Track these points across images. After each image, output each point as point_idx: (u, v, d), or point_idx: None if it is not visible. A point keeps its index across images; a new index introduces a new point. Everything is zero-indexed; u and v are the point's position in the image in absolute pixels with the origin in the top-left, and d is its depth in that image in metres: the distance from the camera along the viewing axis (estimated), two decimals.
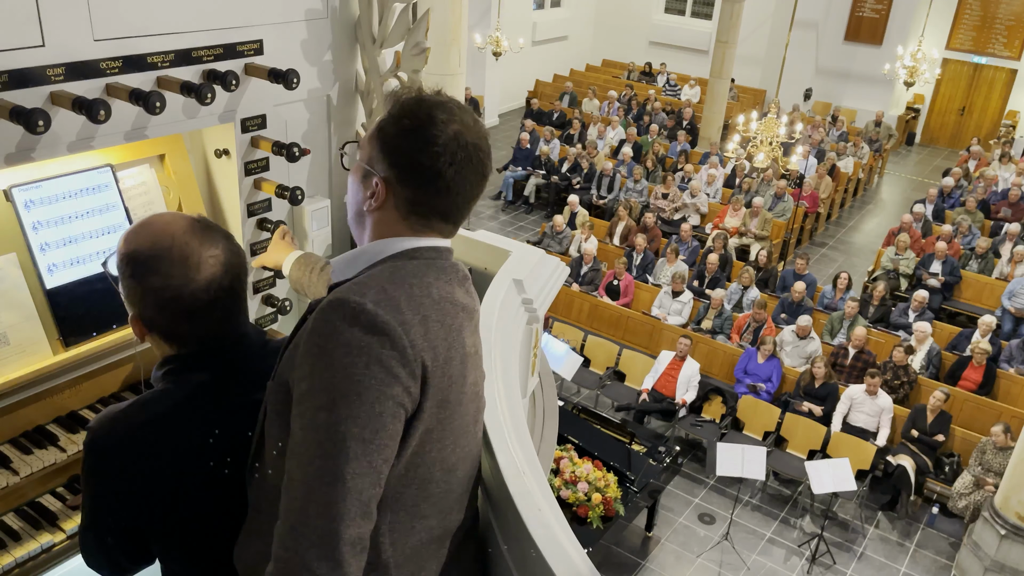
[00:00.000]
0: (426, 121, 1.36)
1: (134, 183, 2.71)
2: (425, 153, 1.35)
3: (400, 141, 1.38)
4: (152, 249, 1.49)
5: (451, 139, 1.35)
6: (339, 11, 2.85)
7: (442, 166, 1.35)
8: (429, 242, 1.44)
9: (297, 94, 2.74)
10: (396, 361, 1.26)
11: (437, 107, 1.38)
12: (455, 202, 1.41)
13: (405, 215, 1.41)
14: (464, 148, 1.37)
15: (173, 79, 2.39)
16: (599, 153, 13.63)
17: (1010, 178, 13.09)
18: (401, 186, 1.39)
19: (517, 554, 1.68)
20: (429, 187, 1.38)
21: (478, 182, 1.43)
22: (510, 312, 2.41)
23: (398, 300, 1.31)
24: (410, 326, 1.29)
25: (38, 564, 2.26)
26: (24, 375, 2.40)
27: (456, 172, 1.37)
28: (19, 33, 2.06)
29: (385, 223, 1.43)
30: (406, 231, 1.42)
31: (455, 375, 1.39)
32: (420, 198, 1.40)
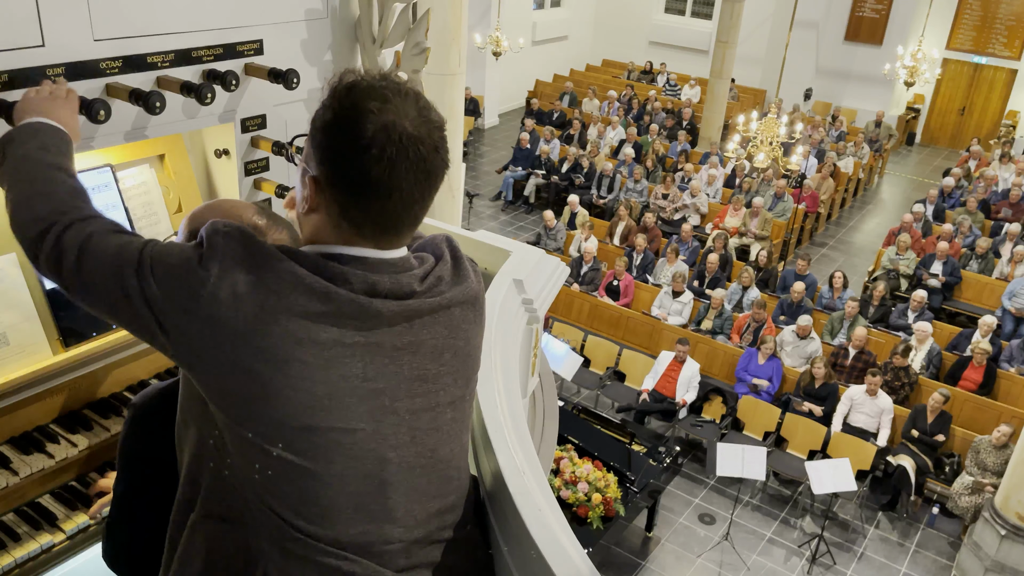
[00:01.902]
0: (351, 111, 1.20)
1: (134, 183, 2.71)
2: (350, 149, 1.19)
3: (324, 136, 1.23)
4: None
5: (380, 131, 1.18)
6: (339, 11, 2.85)
7: (369, 164, 1.19)
8: (354, 251, 1.27)
9: (297, 94, 2.74)
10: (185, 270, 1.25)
11: (368, 94, 1.20)
12: (390, 207, 1.23)
13: (336, 222, 1.27)
14: (396, 142, 1.19)
15: (173, 79, 2.39)
16: (599, 153, 13.63)
17: (1010, 178, 13.09)
18: (330, 187, 1.24)
19: (517, 555, 1.68)
20: (356, 189, 1.22)
21: (420, 180, 1.23)
22: (510, 312, 2.41)
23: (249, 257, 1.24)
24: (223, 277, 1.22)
25: (38, 564, 2.26)
26: (24, 375, 2.40)
27: (387, 171, 1.19)
28: (19, 33, 2.06)
29: (316, 229, 1.30)
30: (332, 238, 1.28)
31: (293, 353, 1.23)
32: (349, 201, 1.24)
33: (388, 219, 1.26)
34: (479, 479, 1.86)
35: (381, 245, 1.29)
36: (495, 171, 14.46)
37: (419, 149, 1.21)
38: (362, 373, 1.28)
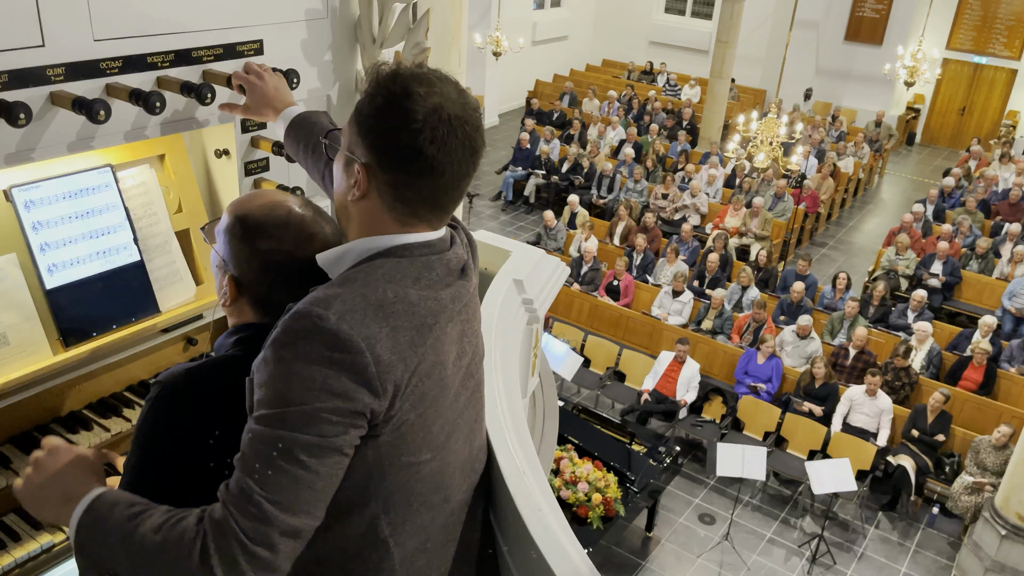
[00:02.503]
0: (402, 96, 1.26)
1: (134, 183, 2.71)
2: (404, 131, 1.25)
3: (376, 121, 1.28)
4: (268, 215, 1.53)
5: (431, 113, 1.25)
6: (339, 11, 2.85)
7: (423, 143, 1.25)
8: (416, 237, 1.35)
9: (297, 94, 2.74)
10: (354, 379, 1.20)
11: (414, 80, 1.27)
12: (443, 184, 1.31)
13: (390, 204, 1.32)
14: (447, 122, 1.26)
15: (173, 79, 2.39)
16: (599, 153, 13.63)
17: (1010, 178, 13.09)
18: (382, 171, 1.30)
19: (518, 555, 1.68)
20: (411, 168, 1.28)
21: (467, 158, 1.31)
22: (510, 312, 2.41)
23: (366, 311, 1.24)
24: (375, 340, 1.22)
25: (38, 564, 2.26)
26: (24, 375, 2.40)
27: (440, 149, 1.26)
28: (19, 33, 2.06)
29: (369, 215, 1.35)
30: (392, 224, 1.34)
31: (432, 382, 1.33)
32: (403, 182, 1.30)
33: (441, 197, 1.33)
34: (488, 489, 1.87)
35: (433, 225, 1.37)
36: (495, 171, 14.46)
37: (464, 128, 1.28)
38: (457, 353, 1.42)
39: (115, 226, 2.63)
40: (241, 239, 1.53)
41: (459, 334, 1.43)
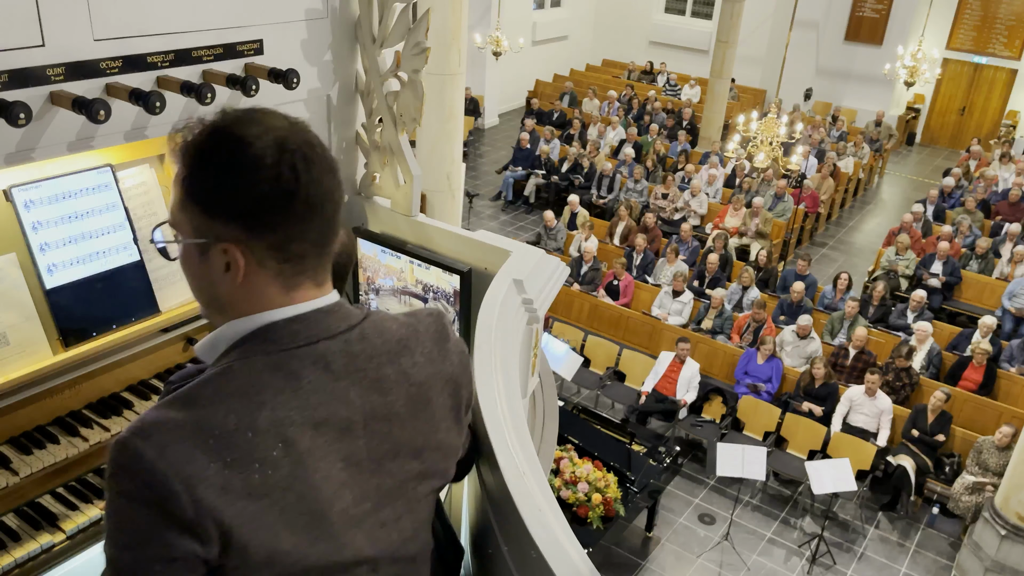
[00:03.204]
0: (237, 146, 1.10)
1: (134, 183, 2.71)
2: (262, 182, 1.09)
3: (222, 188, 1.10)
4: None
5: (278, 149, 1.10)
6: (339, 11, 2.84)
7: (288, 183, 1.10)
8: (297, 309, 1.17)
9: (297, 94, 2.74)
10: (172, 524, 1.05)
11: (239, 125, 1.11)
12: (326, 216, 1.16)
13: (277, 270, 1.15)
14: (298, 152, 1.11)
15: (173, 79, 2.39)
16: (599, 153, 13.63)
17: (1010, 178, 13.09)
18: (259, 237, 1.12)
19: (517, 555, 1.68)
20: (291, 216, 1.11)
21: (332, 179, 1.16)
22: (510, 312, 2.41)
23: (195, 442, 1.07)
24: (198, 480, 1.05)
25: (38, 564, 2.26)
26: (24, 375, 2.40)
27: (308, 181, 1.11)
28: (19, 33, 2.06)
29: (251, 294, 1.16)
30: (277, 293, 1.17)
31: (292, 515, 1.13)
32: (289, 236, 1.13)
33: (323, 231, 1.17)
34: (480, 478, 1.86)
35: (319, 279, 1.21)
36: (495, 171, 14.46)
37: (316, 151, 1.14)
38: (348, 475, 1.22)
39: (115, 226, 2.63)
40: None
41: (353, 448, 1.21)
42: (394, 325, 1.31)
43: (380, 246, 2.92)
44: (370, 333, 1.25)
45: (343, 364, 1.20)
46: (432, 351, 1.34)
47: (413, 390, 1.29)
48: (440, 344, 1.36)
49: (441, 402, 1.35)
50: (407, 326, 1.33)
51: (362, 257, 3.00)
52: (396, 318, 1.34)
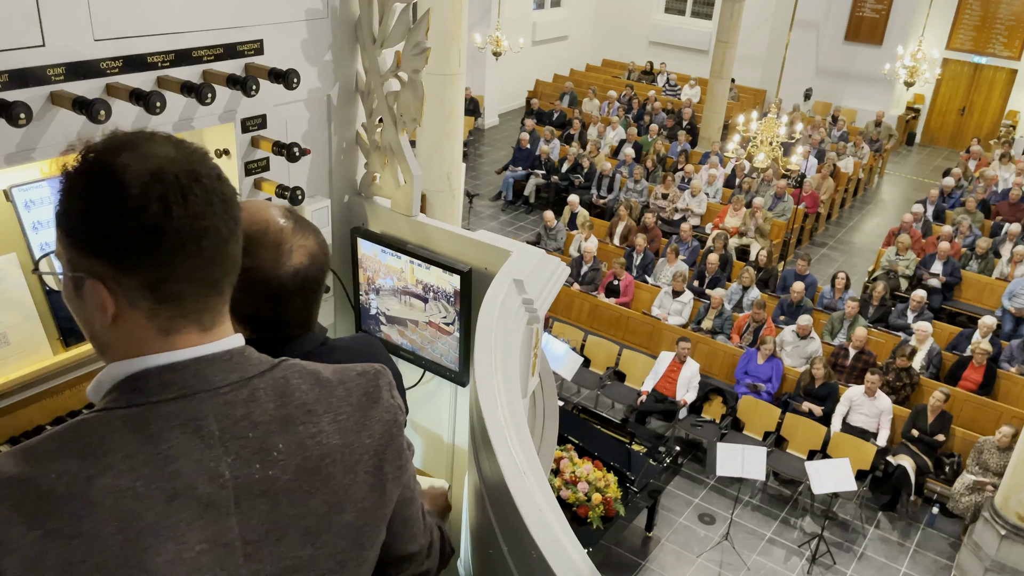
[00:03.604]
0: (104, 174, 0.99)
1: None
2: (126, 216, 0.97)
3: (87, 219, 0.99)
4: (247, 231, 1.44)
5: (151, 179, 0.98)
6: (339, 11, 2.84)
7: (156, 217, 0.97)
8: (173, 356, 1.04)
9: (297, 94, 2.74)
10: None
11: (113, 151, 1.00)
12: (199, 252, 1.02)
13: (152, 311, 1.03)
14: (173, 182, 0.99)
15: (173, 79, 2.39)
16: (599, 153, 13.64)
17: (1010, 178, 13.09)
18: (127, 275, 1.00)
19: (518, 554, 1.68)
20: (155, 251, 0.99)
21: (217, 214, 1.02)
22: (510, 312, 2.41)
23: (16, 504, 0.94)
24: (6, 550, 0.93)
25: None
26: (24, 375, 2.40)
27: (176, 213, 0.98)
28: (19, 33, 2.06)
29: (130, 336, 1.05)
30: (155, 337, 1.04)
31: None
32: (160, 276, 1.01)
33: (211, 270, 1.04)
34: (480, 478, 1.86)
35: (203, 323, 1.07)
36: (495, 171, 14.47)
37: (202, 182, 1.02)
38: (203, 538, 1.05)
39: None
40: None
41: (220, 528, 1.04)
42: (304, 384, 1.14)
43: (380, 246, 2.92)
44: (264, 393, 1.10)
45: (219, 428, 1.04)
46: (348, 419, 1.17)
47: (310, 464, 1.11)
48: (363, 410, 1.20)
49: (352, 479, 1.16)
50: (321, 387, 1.17)
51: (362, 257, 3.00)
52: (314, 374, 1.18)
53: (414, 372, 3.04)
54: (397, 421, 1.26)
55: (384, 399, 1.24)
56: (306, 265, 1.53)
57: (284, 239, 1.51)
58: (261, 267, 1.49)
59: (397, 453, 1.25)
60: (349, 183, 3.12)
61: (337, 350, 1.71)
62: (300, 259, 1.52)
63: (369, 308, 3.06)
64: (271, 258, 1.49)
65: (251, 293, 1.50)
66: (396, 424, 1.26)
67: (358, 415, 1.19)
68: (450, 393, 3.02)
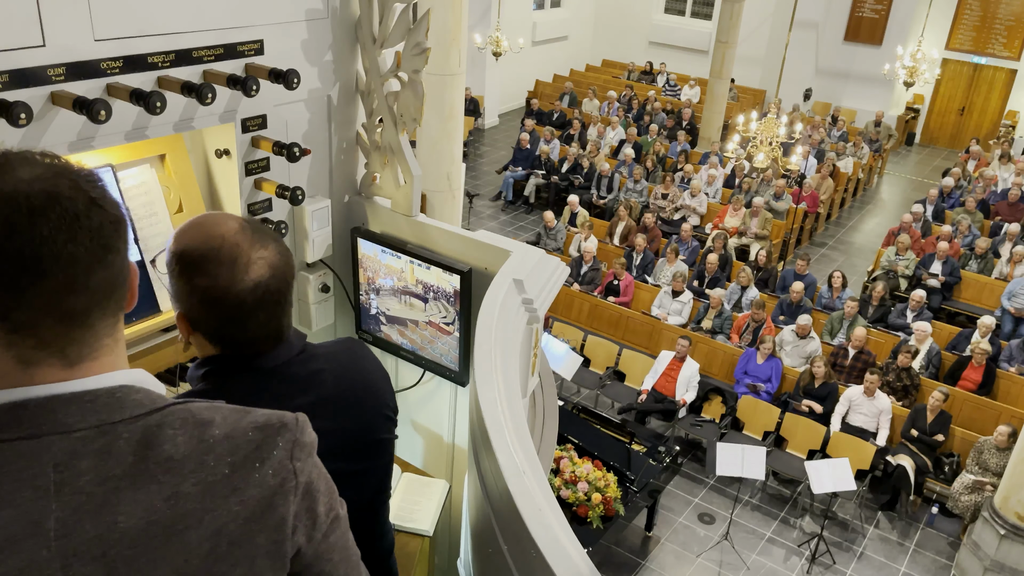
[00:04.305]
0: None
1: (134, 183, 2.71)
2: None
3: None
4: (202, 248, 1.46)
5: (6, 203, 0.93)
6: (339, 11, 2.85)
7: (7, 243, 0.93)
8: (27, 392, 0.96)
9: (298, 94, 2.74)
10: None
11: None
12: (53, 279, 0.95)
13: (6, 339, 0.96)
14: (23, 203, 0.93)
15: (174, 79, 2.39)
16: (599, 153, 13.64)
17: (1009, 178, 13.09)
18: None
19: (517, 554, 1.68)
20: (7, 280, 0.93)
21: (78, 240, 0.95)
22: (510, 312, 2.41)
23: None
24: None
25: None
26: None
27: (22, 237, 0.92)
28: (19, 33, 2.06)
29: None
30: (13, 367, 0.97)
31: None
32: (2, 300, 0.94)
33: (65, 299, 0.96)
34: (480, 478, 1.86)
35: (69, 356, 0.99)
36: (495, 171, 14.47)
37: (56, 204, 0.94)
38: None
39: None
40: (179, 276, 1.47)
41: None
42: (180, 436, 1.02)
43: (380, 246, 2.92)
44: (125, 442, 0.98)
45: (56, 479, 0.94)
46: (218, 481, 1.02)
47: (157, 528, 0.97)
48: (241, 472, 1.04)
49: (211, 549, 1.01)
50: (200, 440, 1.03)
51: (362, 257, 3.00)
52: (199, 425, 1.04)
53: (414, 372, 3.05)
54: (285, 487, 1.08)
55: (273, 460, 1.07)
56: (267, 277, 1.49)
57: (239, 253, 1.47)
58: (218, 284, 1.46)
59: (277, 524, 1.07)
60: (349, 183, 3.12)
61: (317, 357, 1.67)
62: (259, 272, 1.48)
63: (369, 308, 3.06)
64: (227, 275, 1.46)
65: (211, 311, 1.48)
66: (282, 491, 1.07)
67: (233, 477, 1.03)
68: (450, 393, 3.02)
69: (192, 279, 1.46)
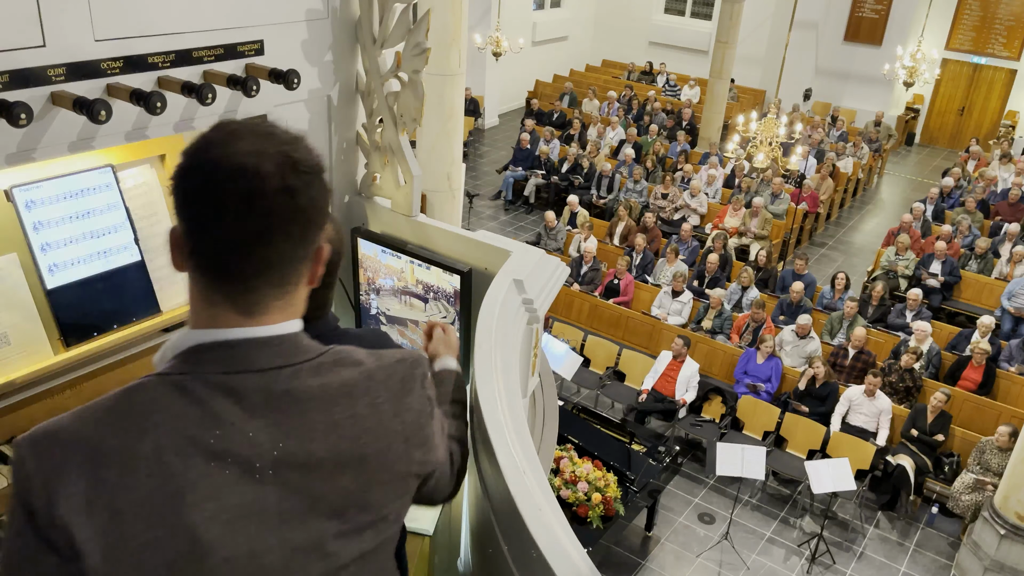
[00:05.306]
0: (194, 148, 1.12)
1: (135, 183, 2.71)
2: (181, 178, 1.11)
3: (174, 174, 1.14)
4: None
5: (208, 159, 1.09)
6: (340, 11, 2.85)
7: (193, 191, 1.09)
8: (228, 334, 1.13)
9: (298, 94, 2.74)
10: (31, 528, 1.05)
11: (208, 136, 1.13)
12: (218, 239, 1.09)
13: (208, 284, 1.13)
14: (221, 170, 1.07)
15: (174, 79, 2.39)
16: (599, 153, 13.64)
17: (1009, 178, 13.09)
18: (179, 234, 1.13)
19: (517, 554, 1.68)
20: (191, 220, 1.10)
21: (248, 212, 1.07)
22: (510, 312, 2.41)
23: (70, 453, 1.05)
24: (59, 493, 1.03)
25: None
26: (24, 375, 2.40)
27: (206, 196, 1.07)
28: (20, 33, 2.06)
29: (190, 294, 1.16)
30: (203, 308, 1.14)
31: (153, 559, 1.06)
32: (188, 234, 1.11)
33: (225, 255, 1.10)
34: (480, 478, 1.87)
35: (239, 306, 1.13)
36: (495, 171, 14.47)
37: (249, 181, 1.07)
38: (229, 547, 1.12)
39: (116, 226, 2.63)
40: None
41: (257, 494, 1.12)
42: (347, 370, 1.22)
43: (380, 246, 2.92)
44: (307, 374, 1.17)
45: (260, 401, 1.12)
46: (384, 403, 1.24)
47: (344, 443, 1.18)
48: (399, 397, 1.27)
49: (382, 461, 1.23)
50: (363, 371, 1.24)
51: (362, 257, 3.00)
52: (358, 361, 1.25)
53: None
54: (425, 411, 1.33)
55: (417, 387, 1.31)
56: None
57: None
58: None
59: (424, 440, 1.32)
60: (349, 183, 3.12)
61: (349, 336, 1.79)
62: None
63: (369, 308, 3.06)
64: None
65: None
66: (425, 414, 1.32)
67: (392, 401, 1.26)
68: None
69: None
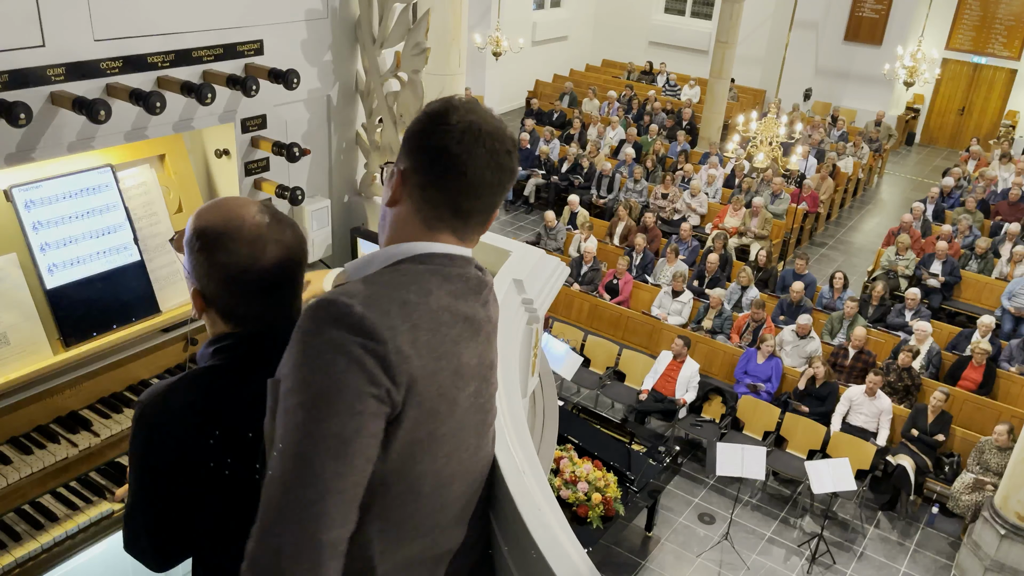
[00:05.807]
0: (442, 111, 1.37)
1: (134, 183, 2.71)
2: (435, 134, 1.35)
3: (416, 130, 1.39)
4: (224, 226, 1.54)
5: (464, 122, 1.35)
6: (339, 11, 2.85)
7: (449, 142, 1.34)
8: (442, 248, 1.41)
9: (297, 94, 2.75)
10: (377, 364, 1.23)
11: (458, 102, 1.40)
12: (465, 185, 1.37)
13: (418, 206, 1.39)
14: (476, 132, 1.35)
15: (173, 79, 2.39)
16: (599, 153, 13.64)
17: (1010, 178, 13.09)
18: (414, 173, 1.38)
19: (517, 554, 1.68)
20: (436, 166, 1.36)
21: (492, 168, 1.37)
22: (510, 312, 2.41)
23: (389, 304, 1.28)
24: (397, 331, 1.26)
25: (38, 564, 2.26)
26: (24, 375, 2.40)
27: (464, 151, 1.34)
28: (19, 33, 2.06)
29: (399, 219, 1.42)
30: (419, 228, 1.41)
31: (445, 386, 1.35)
32: (430, 181, 1.37)
33: (463, 201, 1.39)
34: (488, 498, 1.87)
35: (459, 234, 1.43)
36: None
37: (494, 143, 1.36)
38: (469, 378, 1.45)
39: (115, 226, 2.63)
40: (199, 252, 1.54)
41: (476, 359, 1.44)
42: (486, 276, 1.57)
43: None
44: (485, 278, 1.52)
45: (476, 284, 1.46)
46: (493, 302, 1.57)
47: (492, 324, 1.54)
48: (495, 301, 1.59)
49: (493, 342, 1.55)
50: None
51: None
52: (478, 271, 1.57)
53: None
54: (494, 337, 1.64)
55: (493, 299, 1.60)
56: (284, 259, 1.58)
57: (260, 233, 1.55)
58: (238, 262, 1.53)
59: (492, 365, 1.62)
60: (349, 183, 3.12)
61: None
62: (277, 253, 1.56)
63: None
64: (247, 253, 1.53)
65: (229, 288, 1.55)
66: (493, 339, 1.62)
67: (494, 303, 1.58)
68: None
69: (213, 255, 1.54)
